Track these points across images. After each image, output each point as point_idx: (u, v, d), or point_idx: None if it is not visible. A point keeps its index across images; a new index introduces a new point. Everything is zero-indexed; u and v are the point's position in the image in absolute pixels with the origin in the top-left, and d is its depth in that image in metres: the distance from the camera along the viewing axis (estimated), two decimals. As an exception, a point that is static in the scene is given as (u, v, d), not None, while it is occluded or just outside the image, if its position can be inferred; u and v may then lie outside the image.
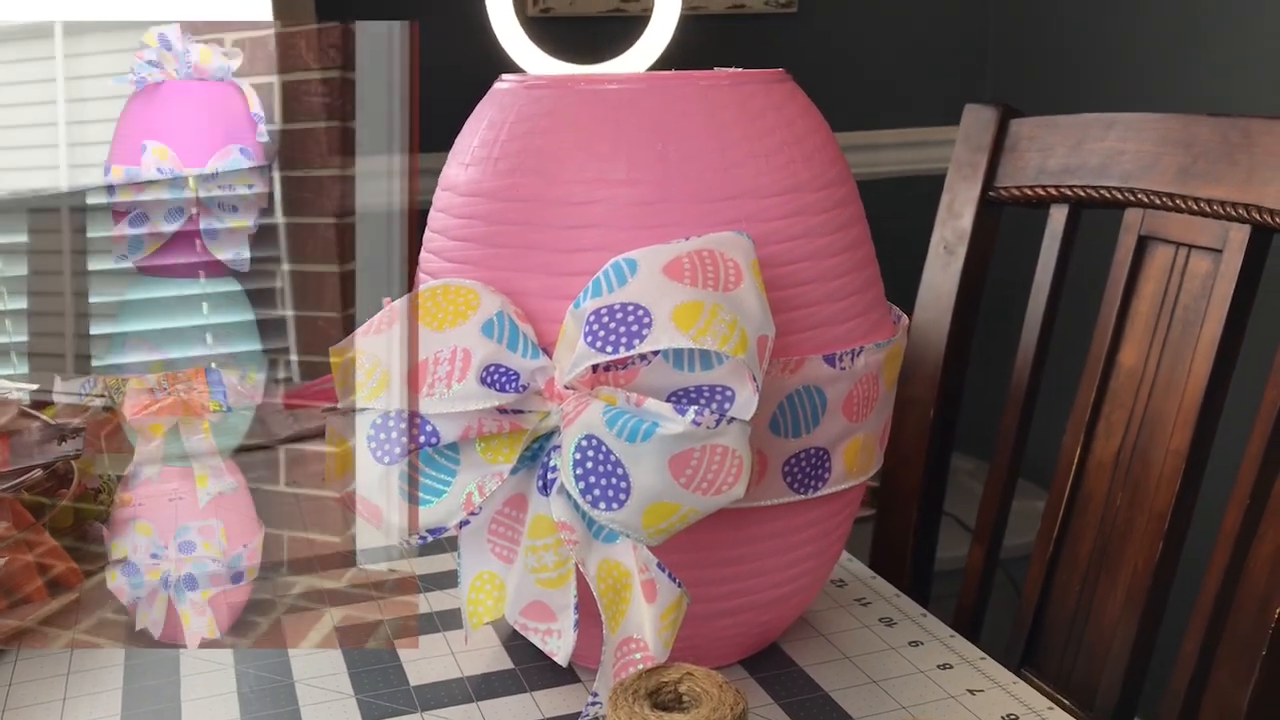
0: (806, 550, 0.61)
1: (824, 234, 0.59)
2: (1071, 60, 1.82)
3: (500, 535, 0.58)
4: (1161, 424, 0.83)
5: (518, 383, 0.54)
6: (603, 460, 0.50)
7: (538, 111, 0.59)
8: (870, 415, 0.60)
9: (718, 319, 0.50)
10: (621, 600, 0.54)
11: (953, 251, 0.99)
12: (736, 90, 0.59)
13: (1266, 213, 0.77)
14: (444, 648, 0.66)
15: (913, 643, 0.66)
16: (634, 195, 0.56)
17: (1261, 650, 0.73)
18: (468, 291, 0.56)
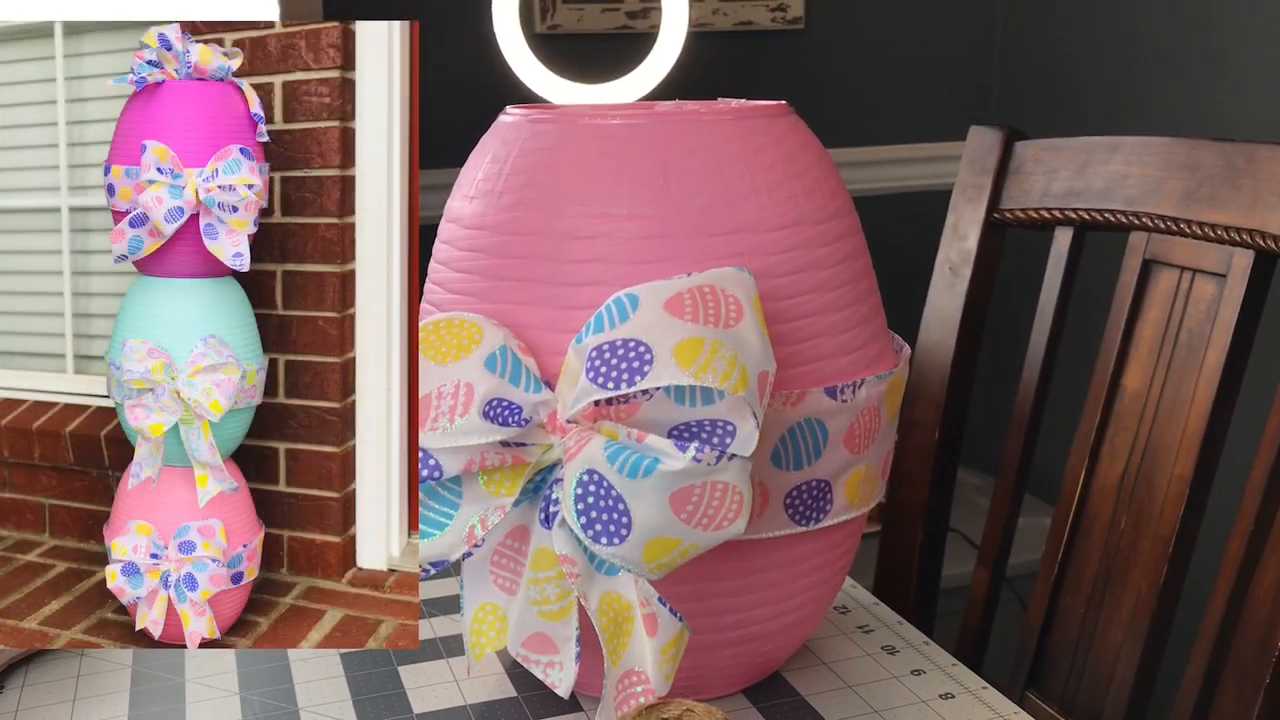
0: (808, 581, 0.61)
1: (826, 267, 0.59)
2: (1079, 79, 1.82)
3: (503, 567, 0.58)
4: (1166, 448, 0.83)
5: (520, 416, 0.54)
6: (604, 495, 0.51)
7: (541, 146, 0.59)
8: (872, 446, 0.61)
9: (718, 356, 0.50)
10: (623, 633, 0.54)
11: (957, 273, 0.99)
12: (739, 124, 0.59)
13: (1270, 238, 0.77)
14: (447, 674, 0.67)
15: (915, 671, 0.66)
16: (636, 229, 0.57)
17: (1265, 678, 0.73)
18: (471, 325, 0.56)
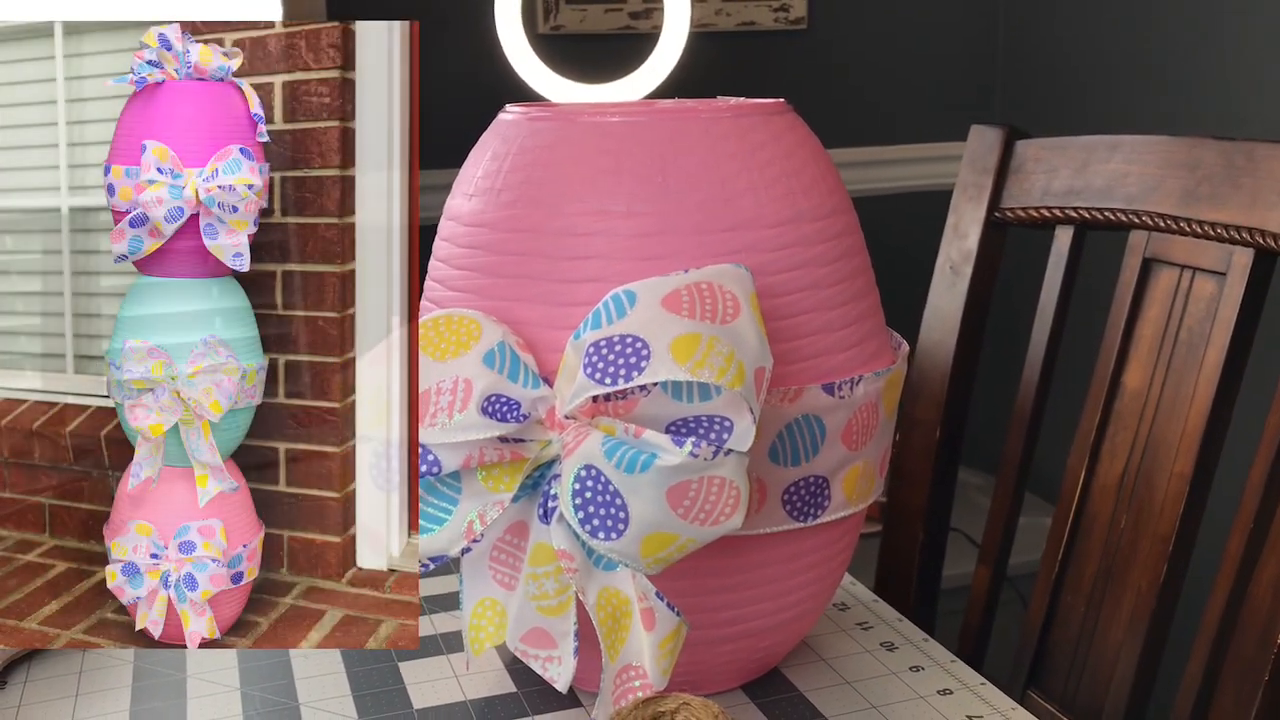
0: (807, 577, 0.61)
1: (823, 264, 0.59)
2: (1080, 78, 1.82)
3: (502, 562, 0.58)
4: (1166, 447, 0.83)
5: (519, 412, 0.54)
6: (601, 490, 0.51)
7: (540, 143, 0.60)
8: (870, 443, 0.61)
9: (715, 351, 0.51)
10: (621, 628, 0.55)
11: (958, 272, 0.99)
12: (737, 122, 0.59)
13: (1270, 237, 0.77)
14: (447, 670, 0.67)
15: (914, 668, 0.67)
16: (634, 227, 0.57)
17: (1264, 676, 0.73)
18: (470, 322, 0.56)
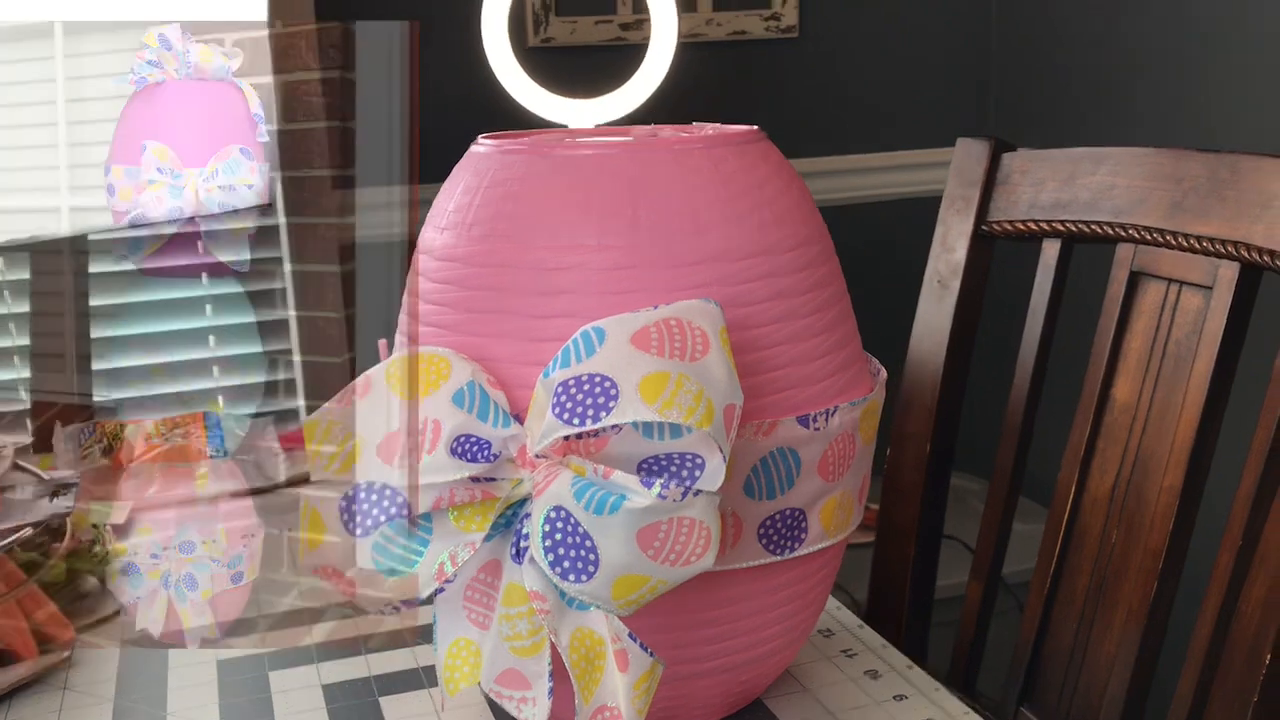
0: (785, 610, 0.61)
1: (796, 295, 0.59)
2: (1071, 90, 1.82)
3: (475, 602, 0.58)
4: (1155, 460, 0.83)
5: (489, 452, 0.54)
6: (571, 532, 0.51)
7: (511, 176, 0.59)
8: (847, 473, 0.60)
9: (684, 390, 0.50)
10: (595, 669, 0.54)
11: (946, 285, 0.99)
12: (709, 153, 0.59)
13: (1254, 250, 0.77)
14: (429, 705, 0.67)
15: (897, 696, 0.66)
16: (605, 261, 0.56)
17: (1254, 695, 0.72)
18: (439, 360, 0.56)
